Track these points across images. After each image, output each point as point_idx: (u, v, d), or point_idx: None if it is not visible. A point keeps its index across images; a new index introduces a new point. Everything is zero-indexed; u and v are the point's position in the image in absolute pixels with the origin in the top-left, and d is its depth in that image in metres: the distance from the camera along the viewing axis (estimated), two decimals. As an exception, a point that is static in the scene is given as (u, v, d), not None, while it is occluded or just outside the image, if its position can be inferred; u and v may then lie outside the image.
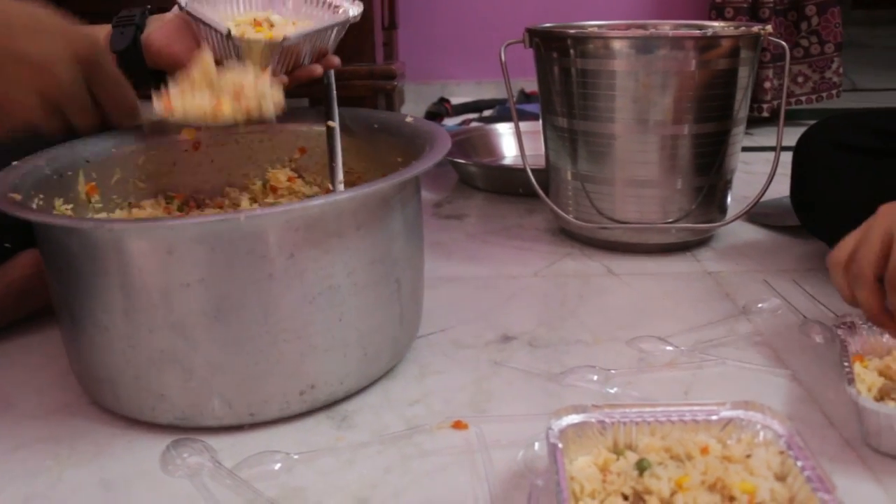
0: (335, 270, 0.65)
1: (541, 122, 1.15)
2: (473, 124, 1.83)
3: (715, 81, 1.00)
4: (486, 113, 2.00)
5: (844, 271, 0.66)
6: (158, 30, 0.84)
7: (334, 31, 0.87)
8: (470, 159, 1.51)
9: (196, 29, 0.83)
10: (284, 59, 0.84)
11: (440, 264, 1.05)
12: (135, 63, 0.84)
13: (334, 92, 0.91)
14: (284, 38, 0.80)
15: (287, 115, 0.94)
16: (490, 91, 2.17)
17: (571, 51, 1.02)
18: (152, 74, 0.85)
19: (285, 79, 0.85)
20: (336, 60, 0.89)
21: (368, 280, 0.68)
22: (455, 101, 2.10)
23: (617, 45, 0.99)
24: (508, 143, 1.60)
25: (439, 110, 2.02)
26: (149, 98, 0.77)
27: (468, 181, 1.48)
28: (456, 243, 1.14)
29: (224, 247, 0.61)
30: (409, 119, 0.88)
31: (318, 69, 0.87)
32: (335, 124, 0.88)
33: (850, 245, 0.66)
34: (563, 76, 1.04)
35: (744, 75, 1.02)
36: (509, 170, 1.45)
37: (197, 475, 0.62)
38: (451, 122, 1.96)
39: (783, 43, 1.07)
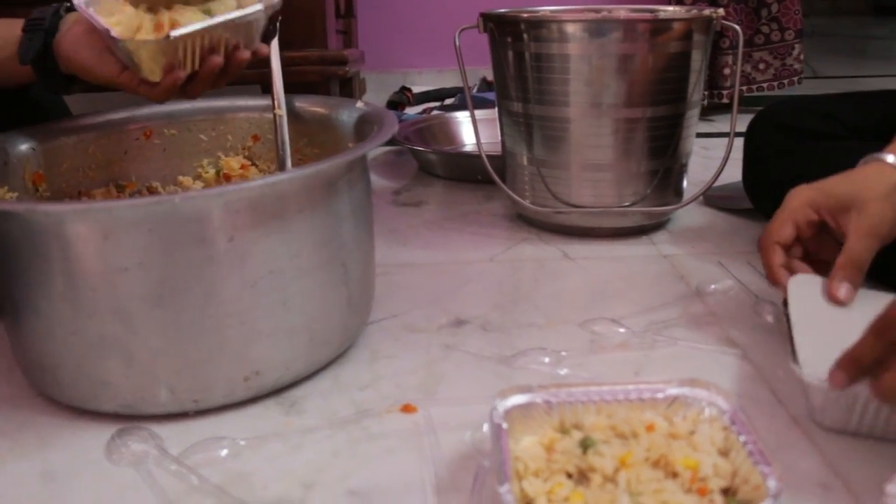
0: (278, 254, 0.64)
1: (496, 107, 1.14)
2: (434, 112, 1.83)
3: (668, 65, 1.00)
4: (448, 101, 2.00)
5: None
6: (67, 33, 0.77)
7: (248, 24, 0.75)
8: (429, 147, 1.51)
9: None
10: (188, 57, 0.74)
11: (395, 251, 1.05)
12: (48, 70, 0.79)
13: (280, 78, 0.90)
14: (168, 36, 0.70)
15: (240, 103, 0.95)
16: (452, 79, 2.17)
17: (525, 35, 1.01)
18: (70, 79, 0.81)
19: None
20: (245, 54, 0.76)
21: (313, 264, 0.67)
22: (417, 89, 2.10)
23: (570, 28, 0.99)
24: (468, 130, 1.60)
25: (401, 99, 2.02)
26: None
27: (427, 169, 1.48)
28: (412, 230, 1.14)
29: (161, 230, 0.60)
30: (359, 104, 0.87)
31: (216, 59, 0.74)
32: (282, 112, 0.87)
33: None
34: (517, 61, 1.04)
35: (697, 59, 1.03)
36: (468, 157, 1.45)
37: (142, 463, 0.61)
38: (412, 110, 1.95)
39: (736, 27, 1.08)
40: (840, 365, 0.58)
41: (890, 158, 0.71)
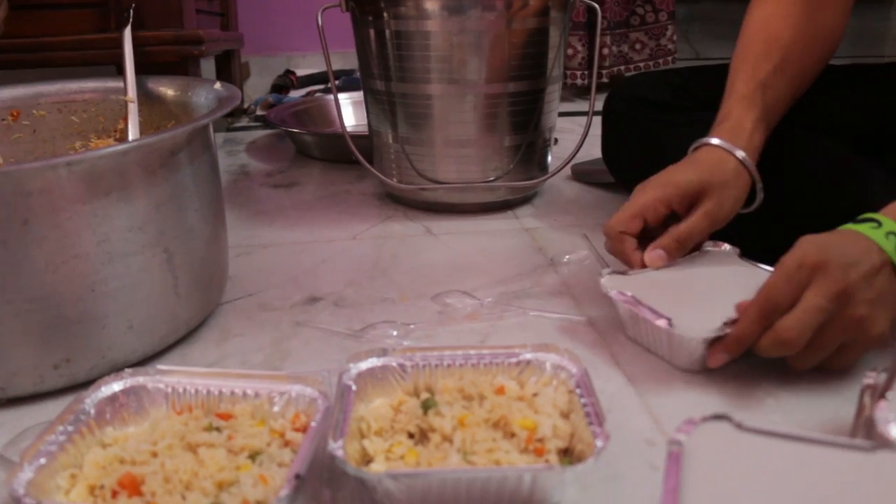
0: (81, 238, 0.61)
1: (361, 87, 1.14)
2: (318, 95, 1.82)
3: (527, 41, 1.02)
4: (333, 84, 1.99)
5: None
6: None
7: None
8: (307, 129, 1.50)
9: None
10: None
11: (260, 231, 1.04)
12: None
13: (132, 65, 0.88)
14: None
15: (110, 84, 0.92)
16: (337, 62, 2.14)
17: (385, 13, 1.01)
18: None
19: None
20: None
21: (125, 249, 0.64)
22: (301, 72, 2.08)
23: (429, 5, 0.99)
24: (347, 112, 1.59)
25: (285, 82, 2.00)
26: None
27: (305, 151, 1.47)
28: (280, 211, 1.13)
29: None
30: (217, 86, 0.86)
31: None
32: (133, 99, 0.86)
33: None
34: (378, 39, 1.04)
35: (555, 35, 1.04)
36: (342, 137, 1.44)
37: (-32, 452, 0.59)
38: (297, 93, 1.94)
39: (595, 5, 1.10)
40: (725, 348, 0.63)
41: (714, 141, 0.75)
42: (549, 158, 1.14)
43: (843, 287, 0.58)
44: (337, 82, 1.95)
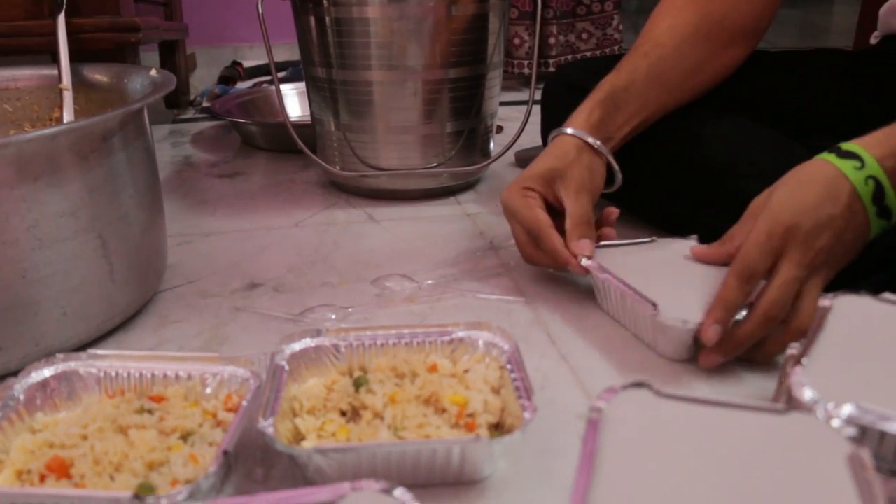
0: (10, 224, 0.60)
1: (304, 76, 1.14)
2: (264, 86, 1.81)
3: (466, 27, 1.02)
4: (280, 75, 1.98)
5: None
6: None
7: None
8: (252, 119, 1.49)
9: None
10: None
11: (202, 220, 1.03)
12: None
13: (66, 52, 0.87)
14: None
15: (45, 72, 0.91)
16: (284, 53, 2.14)
17: (325, 0, 1.01)
18: None
19: None
20: None
21: (57, 235, 0.63)
22: (248, 64, 2.07)
23: (368, -8, 0.99)
24: (293, 103, 1.59)
25: (232, 74, 1.99)
26: None
27: (250, 142, 1.46)
28: (223, 200, 1.12)
29: None
30: (152, 72, 0.85)
31: None
32: (67, 87, 0.85)
33: None
34: (319, 26, 1.04)
35: (494, 21, 1.05)
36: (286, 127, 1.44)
37: None
38: (244, 85, 1.92)
39: (535, -7, 1.11)
40: (714, 317, 0.62)
41: (569, 130, 0.81)
42: (492, 145, 1.15)
43: (815, 253, 0.61)
44: (284, 73, 1.96)
